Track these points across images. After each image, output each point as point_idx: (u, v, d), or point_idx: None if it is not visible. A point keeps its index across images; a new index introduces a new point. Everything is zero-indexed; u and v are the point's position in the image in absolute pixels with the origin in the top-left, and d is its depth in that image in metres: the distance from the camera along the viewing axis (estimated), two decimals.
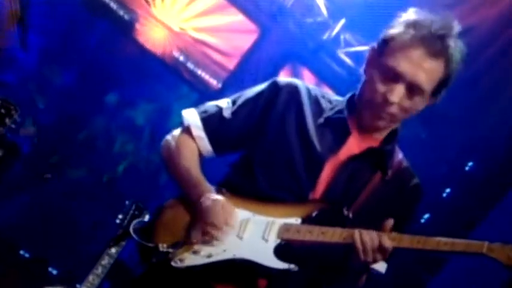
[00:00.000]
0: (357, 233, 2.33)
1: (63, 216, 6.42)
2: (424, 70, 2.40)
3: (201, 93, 6.46)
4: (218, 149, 2.64)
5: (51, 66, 6.51)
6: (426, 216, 6.18)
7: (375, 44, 2.51)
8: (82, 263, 5.31)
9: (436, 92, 2.47)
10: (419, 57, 2.39)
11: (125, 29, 6.60)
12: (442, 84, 2.46)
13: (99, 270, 2.91)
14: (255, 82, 2.73)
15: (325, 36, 6.47)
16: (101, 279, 3.01)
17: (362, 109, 2.52)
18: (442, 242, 2.26)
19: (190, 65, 6.73)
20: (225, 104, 2.64)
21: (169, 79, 6.71)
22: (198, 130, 2.61)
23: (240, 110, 2.61)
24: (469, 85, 2.48)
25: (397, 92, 2.41)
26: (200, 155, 2.63)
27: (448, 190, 6.23)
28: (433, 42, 2.39)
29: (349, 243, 2.33)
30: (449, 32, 2.41)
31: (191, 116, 2.64)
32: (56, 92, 6.57)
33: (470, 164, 6.16)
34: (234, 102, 2.64)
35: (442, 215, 6.18)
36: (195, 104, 2.74)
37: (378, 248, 2.30)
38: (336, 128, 2.55)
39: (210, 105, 2.67)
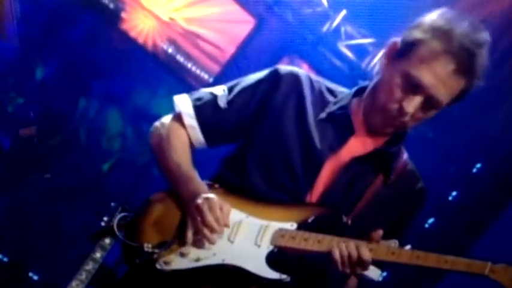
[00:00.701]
0: (335, 244, 2.33)
1: (45, 218, 6.41)
2: (447, 87, 2.40)
3: (192, 87, 6.48)
4: (211, 140, 2.64)
5: (32, 58, 6.51)
6: (431, 220, 6.19)
7: (397, 39, 2.48)
8: (65, 268, 5.32)
9: (450, 103, 2.48)
10: (446, 74, 2.38)
11: (109, 18, 6.60)
12: (459, 97, 2.47)
13: (83, 275, 2.93)
14: None
15: (325, 28, 6.49)
16: (85, 285, 3.03)
17: (373, 111, 2.51)
18: (442, 260, 2.25)
19: (180, 58, 6.75)
20: (220, 91, 2.64)
21: (157, 72, 6.72)
22: (190, 119, 2.61)
23: (236, 100, 2.61)
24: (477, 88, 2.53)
25: (415, 103, 2.41)
26: (191, 145, 2.63)
27: (454, 193, 6.23)
28: (462, 58, 2.36)
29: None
30: (479, 48, 2.39)
31: (183, 103, 2.64)
32: (37, 86, 6.58)
33: (478, 165, 6.16)
34: (230, 90, 2.64)
35: (447, 220, 6.18)
36: None
37: (356, 261, 2.31)
38: (339, 125, 2.55)
39: (205, 92, 2.67)
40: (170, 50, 6.72)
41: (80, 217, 6.20)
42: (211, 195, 2.45)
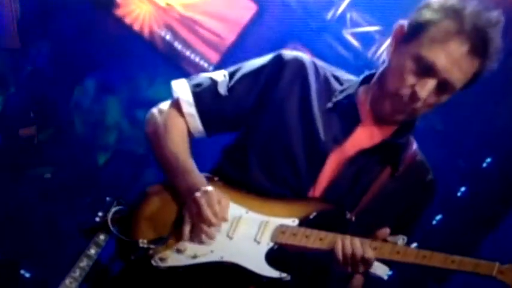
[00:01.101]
0: (338, 240, 2.34)
1: (38, 214, 6.42)
2: (462, 69, 2.39)
3: (190, 76, 6.44)
4: (210, 129, 2.64)
5: (23, 45, 6.50)
6: (438, 217, 6.19)
7: (404, 22, 2.48)
8: (58, 265, 5.33)
9: (464, 86, 2.47)
10: (460, 55, 2.37)
11: (104, 3, 6.59)
12: (472, 81, 2.46)
13: (77, 272, 2.94)
14: None
15: (329, 15, 6.49)
16: (79, 283, 3.05)
17: (382, 98, 2.49)
18: (449, 260, 2.27)
19: (177, 45, 6.74)
20: (221, 77, 2.63)
21: (154, 60, 6.71)
22: (189, 107, 2.61)
23: (237, 86, 2.60)
24: (491, 73, 2.52)
25: (428, 87, 2.40)
26: (190, 134, 2.63)
27: (463, 189, 6.23)
28: (476, 38, 2.37)
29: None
30: (493, 27, 2.39)
31: (182, 90, 2.63)
32: (28, 75, 6.57)
33: (488, 160, 6.16)
34: (231, 76, 2.63)
35: (455, 216, 6.18)
36: None
37: (359, 259, 2.32)
38: (344, 115, 2.54)
39: (204, 77, 2.66)
40: (168, 37, 6.72)
41: (75, 213, 6.20)
42: (209, 188, 2.47)
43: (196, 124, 2.62)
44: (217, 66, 6.58)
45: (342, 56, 6.45)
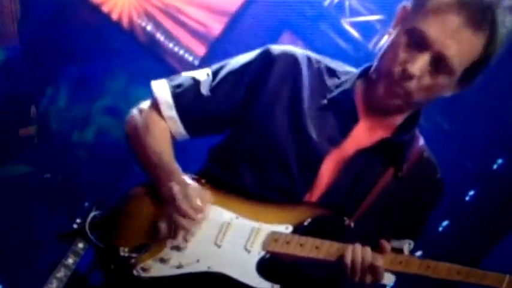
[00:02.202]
0: (349, 247, 2.36)
1: (11, 218, 6.43)
2: (458, 41, 2.35)
3: (174, 71, 6.47)
4: (193, 131, 2.66)
5: None
6: (445, 223, 6.21)
7: (407, 3, 2.47)
8: (33, 275, 5.34)
9: (466, 76, 2.44)
10: (456, 26, 2.34)
11: None
12: (475, 68, 2.42)
13: (54, 284, 2.98)
14: None
15: (326, 2, 6.54)
16: None
17: (375, 83, 2.48)
18: (455, 270, 2.30)
19: (160, 36, 6.77)
20: (203, 76, 2.65)
21: (134, 53, 6.73)
22: (169, 109, 2.63)
23: (221, 86, 2.61)
24: (500, 67, 2.51)
25: (420, 63, 2.36)
26: (172, 136, 2.65)
27: (471, 192, 6.25)
28: (477, 11, 2.34)
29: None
30: (500, 3, 2.36)
31: (161, 91, 2.65)
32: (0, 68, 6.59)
33: (499, 161, 6.18)
34: (215, 75, 2.64)
35: (464, 222, 6.21)
36: None
37: (368, 267, 2.34)
38: (341, 112, 2.54)
39: (186, 77, 2.68)
40: (149, 28, 6.74)
41: (52, 218, 6.20)
42: (188, 181, 2.50)
43: (178, 127, 2.64)
44: (204, 60, 6.60)
45: (340, 48, 6.45)
